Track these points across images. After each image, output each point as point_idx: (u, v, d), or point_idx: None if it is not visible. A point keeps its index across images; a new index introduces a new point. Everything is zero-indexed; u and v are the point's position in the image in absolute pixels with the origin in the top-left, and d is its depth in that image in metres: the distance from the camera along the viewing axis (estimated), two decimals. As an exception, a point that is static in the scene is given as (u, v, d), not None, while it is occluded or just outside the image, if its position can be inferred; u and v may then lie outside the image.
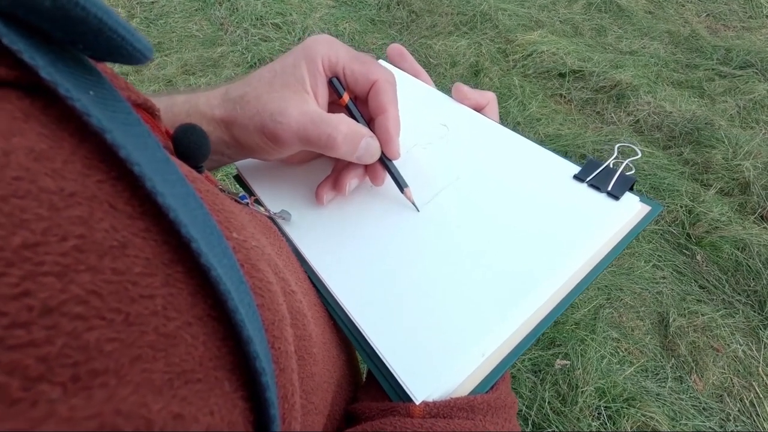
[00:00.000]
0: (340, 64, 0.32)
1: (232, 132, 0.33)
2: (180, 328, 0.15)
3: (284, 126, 0.30)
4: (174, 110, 0.33)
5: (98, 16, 0.14)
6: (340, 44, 0.33)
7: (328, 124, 0.30)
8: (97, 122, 0.14)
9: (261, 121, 0.31)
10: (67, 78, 0.14)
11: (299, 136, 0.30)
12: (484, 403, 0.26)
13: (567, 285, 0.29)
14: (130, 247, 0.14)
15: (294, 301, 0.24)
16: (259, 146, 0.32)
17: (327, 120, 0.30)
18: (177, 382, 0.14)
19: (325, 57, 0.32)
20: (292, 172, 0.39)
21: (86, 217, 0.13)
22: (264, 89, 0.31)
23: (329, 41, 0.32)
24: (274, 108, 0.30)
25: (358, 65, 0.32)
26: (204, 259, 0.15)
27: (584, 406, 1.42)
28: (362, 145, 0.31)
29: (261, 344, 0.17)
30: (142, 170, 0.14)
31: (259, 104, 0.31)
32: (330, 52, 0.32)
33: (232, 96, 0.32)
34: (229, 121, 0.32)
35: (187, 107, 0.33)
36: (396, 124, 0.33)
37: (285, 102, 0.30)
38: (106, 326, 0.13)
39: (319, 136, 0.30)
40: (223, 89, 0.33)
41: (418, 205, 0.34)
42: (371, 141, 0.32)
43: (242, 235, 0.21)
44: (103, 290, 0.13)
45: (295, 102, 0.30)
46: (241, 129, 0.32)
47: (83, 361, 0.12)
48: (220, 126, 0.33)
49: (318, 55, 0.31)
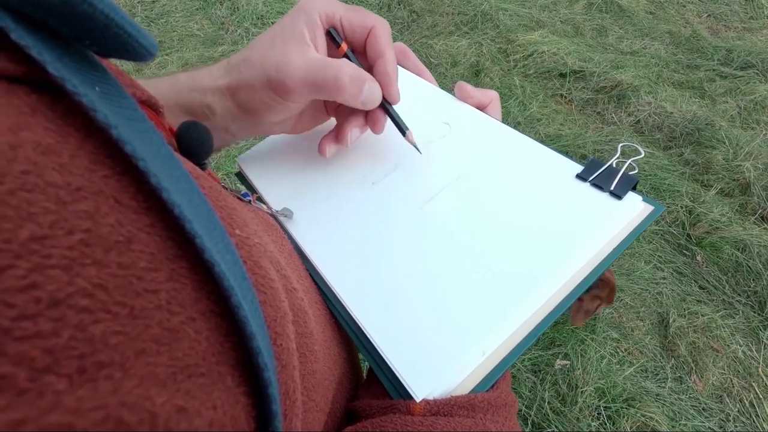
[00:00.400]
0: (336, 15, 0.33)
1: (237, 98, 0.33)
2: (184, 323, 0.15)
3: (291, 74, 0.31)
4: (177, 87, 0.34)
5: (105, 12, 0.15)
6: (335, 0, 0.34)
7: (333, 66, 0.31)
8: (103, 118, 0.14)
9: (266, 76, 0.31)
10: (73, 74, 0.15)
11: (306, 81, 0.31)
12: (484, 401, 0.26)
13: (569, 284, 0.29)
14: (135, 242, 0.14)
15: (295, 299, 0.24)
16: (267, 104, 0.33)
17: (331, 63, 0.31)
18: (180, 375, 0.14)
19: (321, 11, 0.33)
20: (295, 169, 0.39)
21: (92, 211, 0.14)
22: (265, 48, 0.32)
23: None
24: (278, 60, 0.31)
25: (354, 15, 0.33)
26: (208, 254, 0.15)
27: (584, 406, 1.42)
28: (366, 89, 0.32)
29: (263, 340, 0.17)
30: (147, 166, 0.15)
31: (263, 62, 0.32)
32: (326, 6, 0.33)
33: (235, 63, 0.33)
34: (234, 86, 0.33)
35: (190, 82, 0.34)
36: (394, 66, 0.34)
37: (288, 54, 0.31)
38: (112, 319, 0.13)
39: (326, 78, 0.31)
40: (225, 61, 0.34)
41: (420, 203, 0.34)
42: (373, 84, 0.33)
43: (245, 232, 0.21)
44: (109, 284, 0.13)
45: (297, 52, 0.31)
46: (246, 91, 0.32)
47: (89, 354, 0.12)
48: (224, 95, 0.33)
49: (314, 10, 0.32)
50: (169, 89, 0.33)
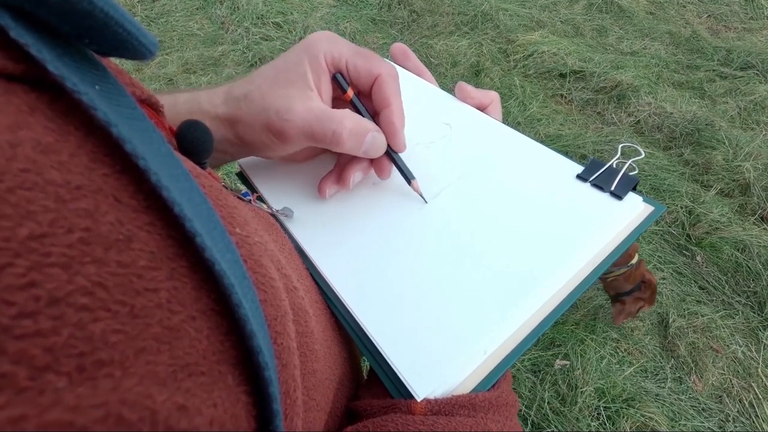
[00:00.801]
0: (342, 59, 0.32)
1: (236, 130, 0.33)
2: (184, 322, 0.15)
3: (290, 123, 0.30)
4: (177, 108, 0.33)
5: (105, 10, 0.14)
6: (342, 40, 0.33)
7: (332, 120, 0.30)
8: (103, 116, 0.14)
9: (267, 119, 0.31)
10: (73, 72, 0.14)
11: (305, 132, 0.30)
12: (485, 401, 0.26)
13: (569, 284, 0.29)
14: (135, 241, 0.14)
15: (296, 298, 0.24)
16: (264, 143, 0.32)
17: (331, 116, 0.30)
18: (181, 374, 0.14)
19: (327, 53, 0.32)
20: (295, 169, 0.39)
21: (92, 209, 0.13)
22: (268, 87, 0.31)
23: (330, 37, 0.33)
24: (279, 105, 0.30)
25: (361, 60, 0.32)
26: (208, 253, 0.15)
27: (584, 407, 1.42)
28: (368, 140, 0.32)
29: (264, 339, 0.17)
30: (147, 164, 0.15)
31: (264, 102, 0.31)
32: (332, 48, 0.32)
33: (236, 94, 0.32)
34: (234, 119, 0.32)
35: (189, 105, 0.33)
36: (401, 116, 0.33)
37: (290, 99, 0.31)
38: (112, 318, 0.13)
39: (325, 132, 0.30)
40: (226, 88, 0.33)
41: (420, 203, 0.34)
42: (377, 135, 0.32)
43: (245, 231, 0.21)
44: (109, 282, 0.13)
45: (299, 99, 0.31)
46: (245, 127, 0.32)
47: (89, 352, 0.12)
48: (223, 124, 0.33)
49: (320, 52, 0.31)
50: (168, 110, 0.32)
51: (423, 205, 0.34)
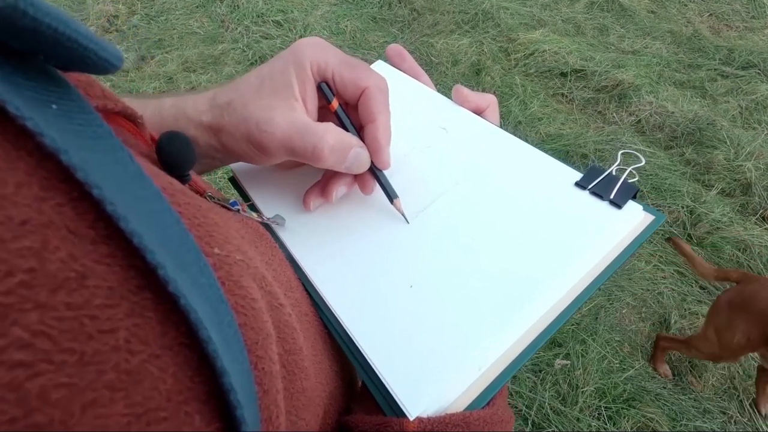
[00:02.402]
0: (329, 69, 0.31)
1: (219, 138, 0.32)
2: (145, 362, 0.14)
3: (270, 136, 0.29)
4: (162, 114, 0.32)
5: (52, 26, 0.13)
6: (331, 47, 0.32)
7: (314, 135, 0.29)
8: (50, 142, 0.13)
9: (247, 130, 0.30)
10: (23, 93, 0.13)
11: (285, 146, 0.29)
12: (480, 419, 0.25)
13: (567, 297, 0.28)
14: (91, 277, 0.13)
15: (282, 315, 0.23)
16: (247, 153, 0.31)
17: (313, 130, 0.29)
18: (137, 424, 0.13)
19: (314, 62, 0.31)
20: (289, 175, 0.38)
21: (38, 247, 0.12)
22: (251, 96, 0.30)
23: (319, 44, 0.31)
24: (260, 117, 0.29)
25: (348, 71, 0.31)
26: (172, 287, 0.14)
27: (584, 406, 1.42)
28: (351, 156, 0.30)
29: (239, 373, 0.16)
30: (102, 193, 0.13)
31: (245, 112, 0.30)
32: (319, 56, 0.31)
33: (219, 102, 0.31)
34: (217, 127, 0.31)
35: (174, 111, 0.32)
36: (386, 133, 0.32)
37: (271, 111, 0.29)
38: (55, 371, 0.11)
39: (305, 147, 0.29)
40: (211, 94, 0.32)
41: (416, 210, 0.33)
42: (360, 151, 0.31)
43: (225, 250, 0.20)
44: (54, 329, 0.12)
45: (281, 110, 0.30)
46: (228, 136, 0.31)
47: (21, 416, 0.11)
48: (207, 132, 0.32)
49: (306, 60, 0.30)
50: (153, 115, 0.32)
51: (419, 212, 0.33)
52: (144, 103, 0.32)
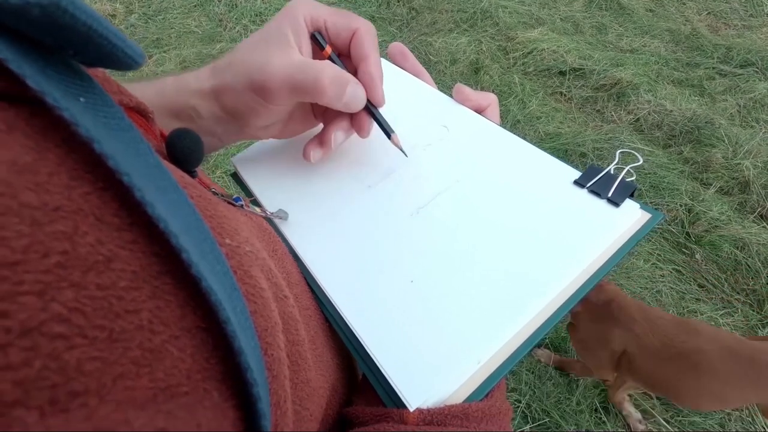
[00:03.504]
0: (321, 18, 0.33)
1: (222, 101, 0.33)
2: (166, 342, 0.14)
3: (272, 76, 0.30)
4: (164, 91, 0.33)
5: (87, 23, 0.14)
6: (321, 4, 0.34)
7: (313, 68, 0.31)
8: (84, 132, 0.14)
9: (249, 77, 0.31)
10: (56, 86, 0.14)
11: (287, 83, 0.31)
12: (478, 410, 0.26)
13: (565, 292, 0.28)
14: (116, 261, 0.14)
15: (286, 306, 0.24)
16: (251, 108, 0.33)
17: (312, 65, 0.31)
18: (162, 396, 0.14)
19: (306, 14, 0.32)
20: (290, 169, 0.39)
21: (70, 232, 0.13)
22: (249, 51, 0.32)
23: (310, 1, 0.33)
24: (260, 61, 0.31)
25: (339, 17, 0.33)
26: (195, 269, 0.15)
27: (582, 402, 1.43)
28: (349, 91, 0.32)
29: (253, 353, 0.17)
30: (131, 180, 0.14)
31: (245, 65, 0.31)
32: (311, 9, 0.33)
33: (220, 66, 0.33)
34: (219, 89, 0.33)
35: (176, 86, 0.34)
36: (379, 69, 0.33)
37: (270, 56, 0.31)
38: (89, 345, 0.12)
39: (306, 80, 0.30)
40: (212, 64, 0.34)
41: (417, 207, 0.34)
42: (357, 87, 0.32)
43: (235, 241, 0.21)
44: (87, 307, 0.13)
45: (279, 54, 0.31)
46: (231, 94, 0.32)
47: (62, 383, 0.11)
48: (210, 98, 0.33)
49: (299, 13, 0.32)
50: (156, 94, 0.33)
51: (419, 209, 0.33)
52: (146, 85, 0.34)
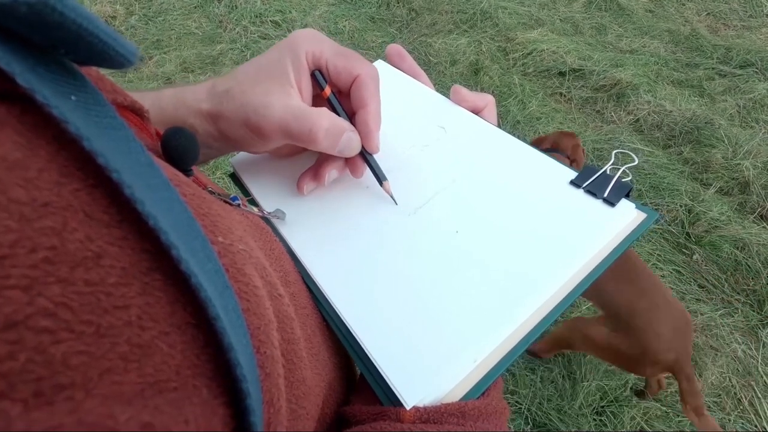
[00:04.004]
0: (323, 58, 0.32)
1: (218, 125, 0.33)
2: (156, 338, 0.15)
3: (267, 120, 0.30)
4: (162, 104, 0.33)
5: (76, 21, 0.14)
6: (325, 38, 0.33)
7: (309, 119, 0.30)
8: (74, 129, 0.14)
9: (245, 115, 0.31)
10: (46, 84, 0.14)
11: (282, 129, 0.31)
12: (474, 409, 0.26)
13: (561, 291, 0.29)
14: (105, 257, 0.14)
15: (281, 305, 0.24)
16: (245, 139, 0.33)
17: (308, 114, 0.31)
18: (149, 391, 0.14)
19: (309, 51, 0.32)
20: (288, 170, 0.39)
21: (59, 227, 0.13)
22: (248, 83, 0.32)
23: (313, 35, 0.33)
24: (257, 102, 0.31)
25: (341, 60, 0.32)
26: (184, 266, 0.15)
27: (584, 404, 1.43)
28: (343, 139, 0.32)
29: (244, 350, 0.17)
30: (120, 177, 0.14)
31: (243, 98, 0.31)
32: (314, 46, 0.32)
33: (218, 90, 0.32)
34: (216, 114, 0.32)
35: (174, 101, 0.33)
36: (376, 118, 0.33)
37: (268, 96, 0.31)
38: (75, 339, 0.12)
39: (301, 130, 0.30)
40: (210, 83, 0.34)
41: (415, 207, 0.34)
42: (352, 135, 0.32)
43: (228, 239, 0.21)
44: (74, 302, 0.13)
45: (278, 96, 0.31)
46: (226, 122, 0.32)
47: (47, 376, 0.11)
48: (207, 119, 0.33)
49: (302, 49, 0.32)
50: (153, 105, 0.33)
51: (416, 209, 0.33)
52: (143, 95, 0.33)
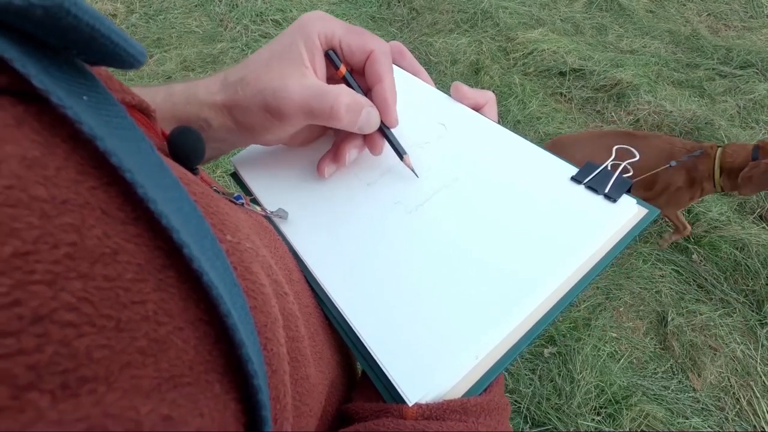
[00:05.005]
0: (336, 37, 0.32)
1: (234, 115, 0.33)
2: (171, 333, 0.15)
3: (287, 101, 0.30)
4: (173, 99, 0.33)
5: (90, 23, 0.14)
6: (334, 18, 0.33)
7: (329, 96, 0.30)
8: (88, 129, 0.14)
9: (263, 100, 0.31)
10: (60, 84, 0.14)
11: (303, 109, 0.31)
12: (476, 405, 0.26)
13: (562, 287, 0.29)
14: (122, 253, 0.14)
15: (286, 303, 0.24)
16: (263, 125, 0.33)
17: (328, 91, 0.31)
18: (166, 386, 0.14)
19: (321, 32, 0.32)
20: (289, 169, 0.39)
21: (78, 224, 0.13)
22: (263, 69, 0.31)
23: (323, 16, 0.33)
24: (275, 85, 0.31)
25: (354, 37, 0.33)
26: (196, 264, 0.15)
27: (583, 404, 1.43)
28: (363, 115, 0.32)
29: (253, 347, 0.17)
30: (133, 177, 0.14)
31: (260, 84, 0.31)
32: (325, 26, 0.32)
33: (232, 80, 0.32)
34: (231, 104, 0.32)
35: (186, 95, 0.33)
36: (393, 92, 0.33)
37: (286, 78, 0.31)
38: (97, 333, 0.13)
39: (322, 108, 0.30)
40: (222, 75, 0.34)
41: (416, 205, 0.34)
42: (371, 110, 0.32)
43: (236, 237, 0.21)
44: (95, 297, 0.13)
45: (295, 77, 0.31)
46: (243, 111, 0.32)
47: (72, 369, 0.12)
48: (221, 111, 0.33)
49: (314, 31, 0.32)
50: (165, 101, 0.33)
51: (418, 206, 0.34)
52: (154, 90, 0.34)
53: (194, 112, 0.33)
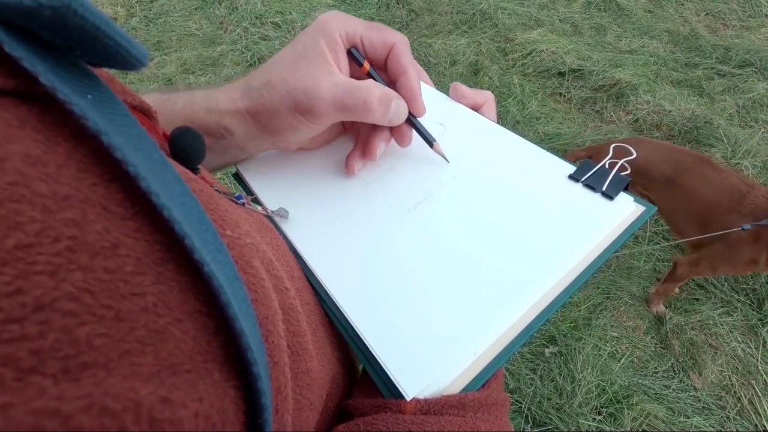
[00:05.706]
0: (357, 34, 0.33)
1: (259, 121, 0.33)
2: (170, 324, 0.15)
3: (319, 100, 0.31)
4: (193, 107, 0.34)
5: (95, 24, 0.15)
6: (351, 16, 0.34)
7: (361, 91, 0.31)
8: (93, 125, 0.14)
9: (294, 100, 0.31)
10: (65, 83, 0.15)
11: (335, 106, 0.31)
12: (475, 400, 0.26)
13: (560, 284, 0.29)
14: (122, 247, 0.15)
15: (287, 298, 0.24)
16: (291, 126, 0.33)
17: (360, 86, 0.31)
18: (165, 372, 0.15)
19: (341, 30, 0.33)
20: (290, 169, 0.39)
21: (79, 219, 0.14)
22: (288, 71, 0.32)
23: (340, 15, 0.34)
24: (304, 85, 0.31)
25: (375, 32, 0.33)
26: (197, 254, 0.16)
27: (584, 404, 1.43)
28: (392, 107, 0.33)
29: (254, 337, 0.18)
30: (137, 170, 0.15)
31: (286, 85, 0.32)
32: (345, 24, 0.33)
33: (255, 85, 0.33)
34: (256, 110, 0.33)
35: (206, 104, 0.34)
36: (418, 82, 0.34)
37: (314, 78, 0.31)
38: (97, 322, 0.13)
39: (356, 102, 0.31)
40: (242, 82, 0.34)
41: (414, 203, 0.34)
42: (399, 102, 0.33)
43: (236, 233, 0.21)
44: (95, 288, 0.13)
45: (323, 76, 0.31)
46: (270, 114, 0.33)
47: (73, 355, 0.12)
48: (244, 118, 0.33)
49: (335, 30, 0.32)
50: (185, 107, 0.34)
51: (416, 205, 0.34)
52: (175, 96, 0.35)
53: (214, 120, 0.34)
